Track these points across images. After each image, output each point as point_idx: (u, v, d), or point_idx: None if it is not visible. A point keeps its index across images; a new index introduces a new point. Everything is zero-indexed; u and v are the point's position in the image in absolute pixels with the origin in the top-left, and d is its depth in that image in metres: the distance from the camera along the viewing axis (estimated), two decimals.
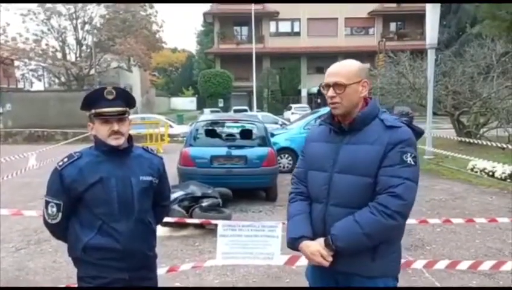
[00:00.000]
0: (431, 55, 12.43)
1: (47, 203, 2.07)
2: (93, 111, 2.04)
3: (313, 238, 1.91)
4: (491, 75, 14.05)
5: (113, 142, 2.04)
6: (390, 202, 1.76)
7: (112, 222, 2.02)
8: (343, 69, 1.92)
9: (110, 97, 2.03)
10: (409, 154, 1.81)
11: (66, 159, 2.07)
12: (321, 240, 1.88)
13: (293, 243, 1.95)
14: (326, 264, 1.85)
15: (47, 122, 21.75)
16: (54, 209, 2.05)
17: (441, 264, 3.32)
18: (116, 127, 2.03)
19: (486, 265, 3.27)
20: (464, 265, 3.29)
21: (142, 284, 2.14)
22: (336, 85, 1.90)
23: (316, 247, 1.87)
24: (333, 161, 1.91)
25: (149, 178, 2.14)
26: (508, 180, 8.70)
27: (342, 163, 1.89)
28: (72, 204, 2.04)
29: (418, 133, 1.99)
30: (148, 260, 2.19)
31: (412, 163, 1.81)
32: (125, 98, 2.10)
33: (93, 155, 2.08)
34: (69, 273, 4.29)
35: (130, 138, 2.13)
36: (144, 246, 2.13)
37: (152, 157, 2.23)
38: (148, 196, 2.15)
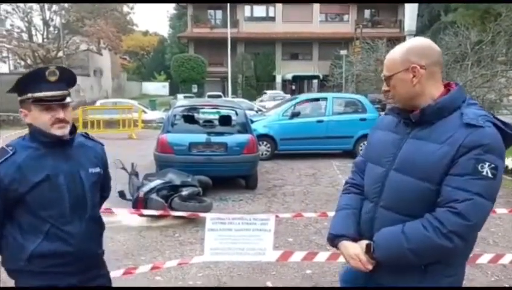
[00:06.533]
0: None
1: None
2: (29, 95, 1.72)
3: (356, 239, 1.68)
4: (465, 63, 14.20)
5: (57, 132, 1.75)
6: (449, 219, 1.45)
7: (63, 225, 1.76)
8: (387, 59, 1.66)
9: (53, 79, 1.72)
10: (487, 163, 1.44)
11: None
12: (363, 244, 1.63)
13: (332, 240, 1.74)
14: (365, 270, 1.61)
15: (12, 107, 20.93)
16: None
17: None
18: (61, 114, 1.74)
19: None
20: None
21: (95, 283, 1.92)
22: (385, 78, 1.67)
23: (355, 250, 1.63)
24: (393, 156, 1.63)
25: (97, 169, 1.91)
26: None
27: (401, 160, 1.60)
28: (8, 208, 1.74)
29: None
30: (98, 258, 1.98)
31: (489, 175, 1.45)
32: (68, 80, 1.79)
33: (31, 148, 1.76)
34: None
35: (73, 126, 1.84)
36: (95, 245, 1.93)
37: (95, 145, 1.98)
38: (98, 189, 1.94)
